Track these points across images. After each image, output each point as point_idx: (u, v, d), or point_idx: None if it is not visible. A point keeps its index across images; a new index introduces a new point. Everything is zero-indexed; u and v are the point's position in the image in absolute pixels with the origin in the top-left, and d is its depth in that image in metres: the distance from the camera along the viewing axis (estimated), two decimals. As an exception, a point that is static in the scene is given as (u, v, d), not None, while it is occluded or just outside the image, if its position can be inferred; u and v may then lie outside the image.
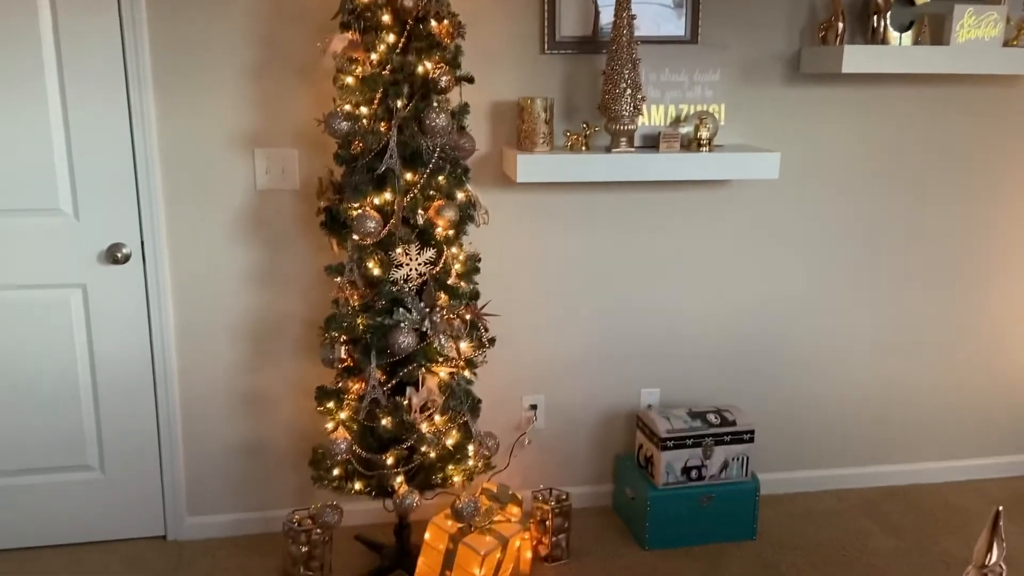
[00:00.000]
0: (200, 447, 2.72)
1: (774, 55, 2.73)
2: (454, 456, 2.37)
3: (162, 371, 2.62)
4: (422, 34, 2.18)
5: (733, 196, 2.84)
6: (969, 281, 3.06)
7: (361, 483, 2.38)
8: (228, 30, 2.44)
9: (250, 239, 2.60)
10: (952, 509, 3.00)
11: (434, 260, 2.29)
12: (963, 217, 3.00)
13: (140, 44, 2.40)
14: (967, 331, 3.11)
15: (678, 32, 2.65)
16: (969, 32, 2.58)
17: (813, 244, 2.93)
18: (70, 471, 2.66)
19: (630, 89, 2.45)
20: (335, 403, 2.35)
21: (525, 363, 2.85)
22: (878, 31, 2.64)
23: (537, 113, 2.48)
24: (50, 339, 2.55)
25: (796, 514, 2.95)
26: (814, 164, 2.86)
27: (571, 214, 2.76)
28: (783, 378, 3.03)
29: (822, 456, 3.12)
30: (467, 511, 2.39)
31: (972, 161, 2.95)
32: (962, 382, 3.15)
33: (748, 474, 2.76)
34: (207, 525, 2.77)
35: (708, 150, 2.55)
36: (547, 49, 2.60)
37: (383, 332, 2.27)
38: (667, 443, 2.66)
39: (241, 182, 2.56)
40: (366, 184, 2.23)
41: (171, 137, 2.49)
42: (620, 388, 2.93)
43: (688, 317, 2.91)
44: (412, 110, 2.20)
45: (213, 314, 2.63)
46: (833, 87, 2.79)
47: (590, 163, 2.47)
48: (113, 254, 2.51)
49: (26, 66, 2.36)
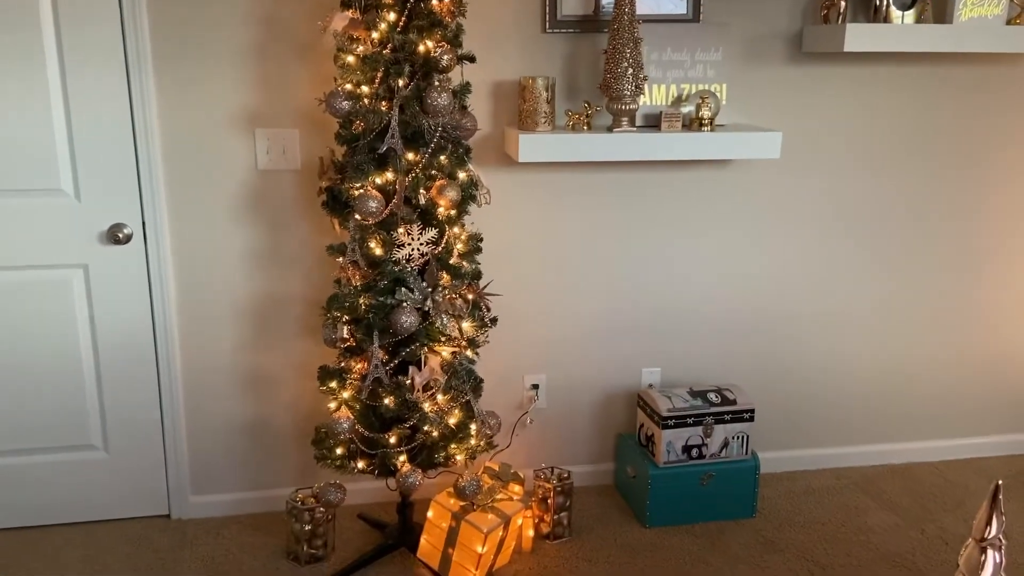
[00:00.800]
0: (203, 427, 2.74)
1: (776, 34, 2.72)
2: (456, 435, 2.38)
3: (164, 351, 2.63)
4: (423, 12, 2.17)
5: (734, 175, 2.84)
6: (969, 260, 3.07)
7: (364, 462, 2.39)
8: (228, 9, 2.43)
9: (251, 219, 2.60)
10: (951, 487, 3.03)
11: (436, 240, 2.29)
12: (964, 195, 3.00)
13: (140, 24, 2.38)
14: (967, 310, 3.12)
15: (680, 10, 2.63)
16: (972, 10, 2.57)
17: (814, 223, 2.93)
18: (74, 451, 2.68)
19: (632, 68, 2.45)
20: (337, 383, 2.36)
21: (527, 342, 2.86)
22: (880, 9, 2.62)
23: (539, 92, 2.47)
24: (52, 319, 2.55)
25: (796, 492, 2.98)
26: (816, 143, 2.85)
27: (572, 194, 2.76)
28: (783, 357, 3.04)
29: (821, 435, 3.14)
30: (469, 489, 2.40)
31: (974, 140, 2.95)
32: (962, 361, 3.17)
33: (748, 453, 2.78)
34: (211, 504, 2.79)
35: (710, 129, 2.55)
36: (548, 28, 2.59)
37: (385, 312, 2.28)
38: (668, 422, 2.68)
39: (242, 162, 2.55)
40: (368, 164, 2.23)
41: (172, 117, 2.49)
42: (621, 367, 2.95)
43: (689, 296, 2.92)
44: (413, 89, 2.19)
45: (215, 294, 2.64)
46: (835, 66, 2.79)
47: (592, 143, 2.47)
48: (114, 234, 2.51)
49: (26, 47, 2.35)
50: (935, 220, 3.00)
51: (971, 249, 3.06)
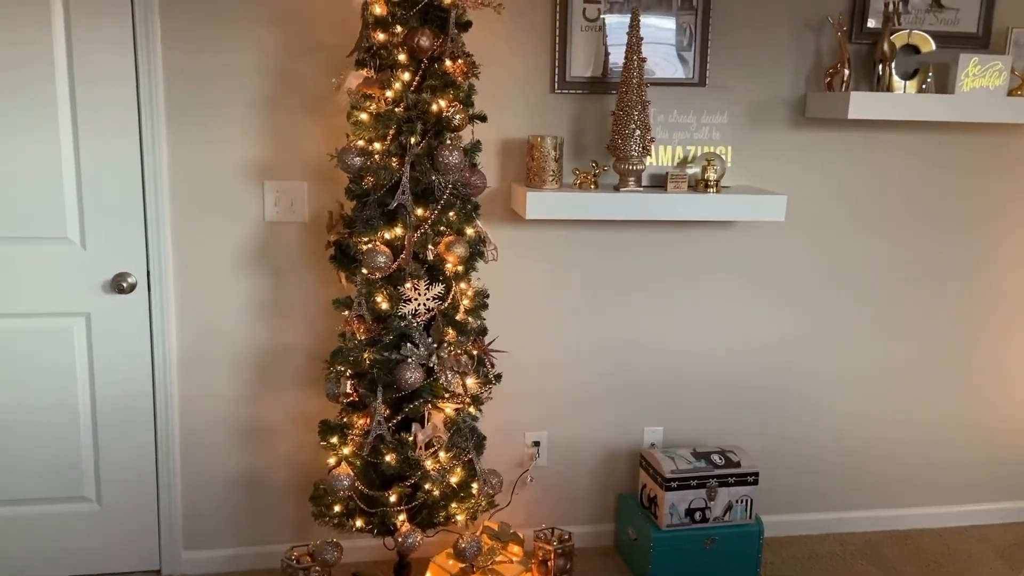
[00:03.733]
0: (199, 479, 2.69)
1: (780, 99, 2.77)
2: (458, 494, 2.34)
3: (163, 402, 2.60)
4: (437, 73, 2.20)
5: (739, 237, 2.85)
6: (972, 326, 3.07)
7: (362, 520, 2.35)
8: (242, 62, 2.46)
9: (257, 271, 2.60)
10: (953, 555, 2.98)
11: (443, 295, 2.28)
12: (966, 262, 3.02)
13: (154, 75, 2.41)
14: (971, 376, 3.11)
15: (686, 75, 2.68)
16: (973, 81, 2.62)
17: (818, 286, 2.94)
18: (66, 502, 2.62)
19: (639, 130, 2.48)
20: (339, 438, 2.33)
21: (529, 399, 2.84)
22: (883, 78, 2.67)
23: (547, 151, 2.50)
24: (52, 368, 2.52)
25: (799, 557, 2.93)
26: (819, 207, 2.88)
27: (578, 251, 2.77)
28: (786, 419, 3.02)
29: (824, 498, 3.10)
30: (470, 551, 2.36)
31: (975, 208, 2.98)
32: (965, 426, 3.15)
33: (752, 517, 2.74)
34: (203, 560, 2.72)
35: (715, 191, 2.57)
36: (557, 88, 2.63)
37: (390, 367, 2.26)
38: (672, 484, 2.65)
39: (250, 214, 2.56)
40: (377, 219, 2.23)
41: (181, 167, 2.50)
42: (623, 425, 2.92)
43: (692, 356, 2.91)
44: (425, 147, 2.21)
45: (217, 345, 2.61)
46: (838, 132, 2.83)
47: (599, 202, 2.48)
48: (118, 283, 2.49)
49: (39, 95, 2.37)
50: (937, 285, 3.02)
51: (973, 315, 3.07)
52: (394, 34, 2.18)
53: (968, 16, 2.77)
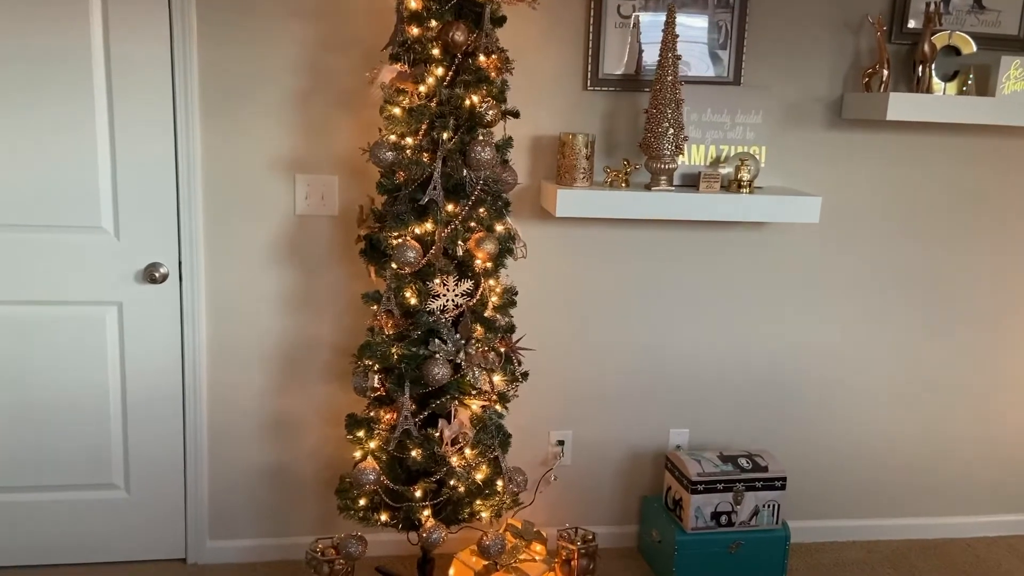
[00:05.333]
0: (225, 470, 2.70)
1: (816, 99, 2.73)
2: (483, 491, 2.34)
3: (192, 391, 2.61)
4: (470, 68, 2.19)
5: (771, 238, 2.82)
6: (1005, 332, 3.01)
7: (387, 515, 2.35)
8: (276, 57, 2.47)
9: (287, 263, 2.61)
10: (983, 565, 2.93)
11: (471, 292, 2.28)
12: (1002, 268, 2.96)
13: (189, 68, 2.42)
14: (1002, 383, 3.06)
15: (721, 73, 2.65)
16: (1015, 84, 2.57)
17: (850, 290, 2.90)
18: (95, 489, 2.65)
19: (672, 129, 2.45)
20: (365, 432, 2.33)
21: (554, 397, 2.82)
22: (923, 80, 2.63)
23: (578, 149, 2.48)
24: (83, 355, 2.55)
25: (825, 565, 2.89)
26: (854, 209, 2.83)
27: (607, 250, 2.75)
28: (815, 424, 2.98)
29: (852, 505, 3.06)
30: (494, 548, 2.35)
31: (1014, 212, 2.92)
32: (997, 436, 3.09)
33: (779, 522, 2.71)
34: (228, 550, 2.74)
35: (748, 192, 2.54)
36: (590, 85, 2.61)
37: (417, 362, 2.26)
38: (698, 487, 2.62)
39: (281, 207, 2.57)
40: (408, 214, 2.23)
41: (215, 160, 2.51)
42: (649, 427, 2.90)
43: (720, 358, 2.88)
44: (457, 143, 2.20)
45: (246, 336, 2.63)
46: (875, 133, 2.78)
47: (630, 200, 2.46)
48: (151, 273, 2.51)
49: (76, 86, 2.39)
50: (972, 291, 2.96)
51: (1006, 321, 3.01)
52: (428, 28, 2.18)
53: (1010, 18, 2.72)
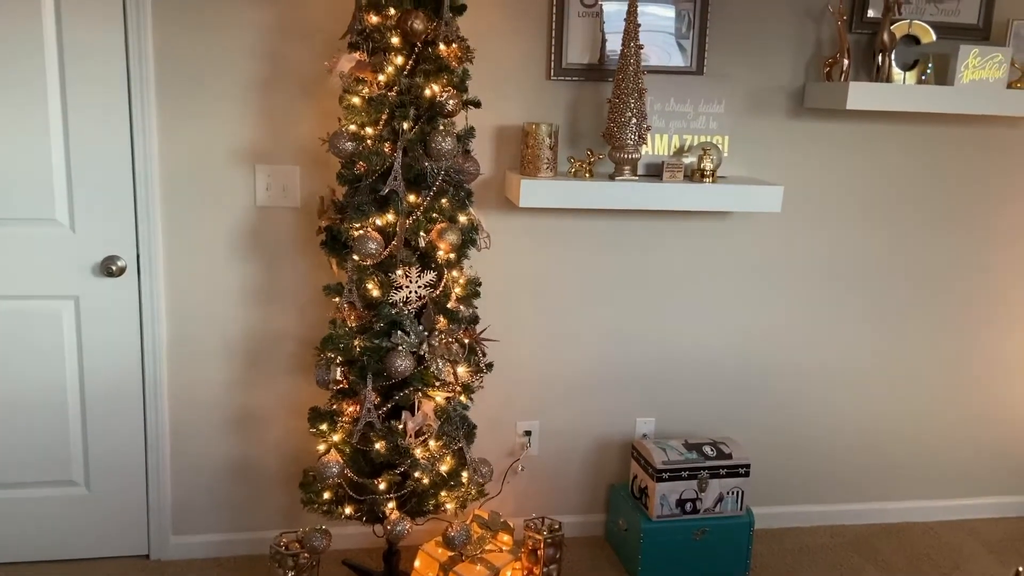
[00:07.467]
0: (188, 465, 2.67)
1: (778, 88, 2.74)
2: (447, 483, 2.33)
3: (152, 386, 2.58)
4: (430, 57, 2.17)
5: (734, 227, 2.83)
6: (967, 319, 3.06)
7: (352, 507, 2.34)
8: (234, 44, 2.43)
9: (247, 256, 2.57)
10: (945, 548, 2.98)
11: (434, 283, 2.26)
12: (963, 254, 3.00)
13: (144, 55, 2.38)
14: (964, 370, 3.10)
15: (684, 63, 2.65)
16: (973, 73, 2.60)
17: (813, 277, 2.92)
18: (54, 486, 2.61)
19: (635, 118, 2.45)
20: (328, 425, 2.31)
21: (520, 388, 2.82)
22: (883, 69, 2.65)
23: (542, 139, 2.47)
24: (40, 351, 2.50)
25: (790, 550, 2.92)
26: (816, 197, 2.86)
27: (572, 240, 2.74)
28: (778, 411, 3.01)
29: (816, 491, 3.10)
30: (459, 539, 2.35)
31: (972, 200, 2.96)
32: (957, 420, 3.15)
33: (743, 508, 2.73)
34: (192, 545, 2.71)
35: (711, 181, 2.55)
36: (553, 75, 2.60)
37: (380, 354, 2.24)
38: (663, 475, 2.64)
39: (241, 198, 2.53)
40: (369, 205, 2.21)
41: (172, 150, 2.47)
42: (615, 416, 2.91)
43: (685, 346, 2.90)
44: (418, 132, 2.18)
45: (206, 330, 2.60)
46: (837, 122, 2.80)
47: (594, 190, 2.46)
48: (108, 267, 2.47)
49: (27, 74, 2.34)
50: (933, 278, 3.00)
51: (969, 308, 3.05)
52: (387, 16, 2.15)
53: (969, 7, 2.75)
